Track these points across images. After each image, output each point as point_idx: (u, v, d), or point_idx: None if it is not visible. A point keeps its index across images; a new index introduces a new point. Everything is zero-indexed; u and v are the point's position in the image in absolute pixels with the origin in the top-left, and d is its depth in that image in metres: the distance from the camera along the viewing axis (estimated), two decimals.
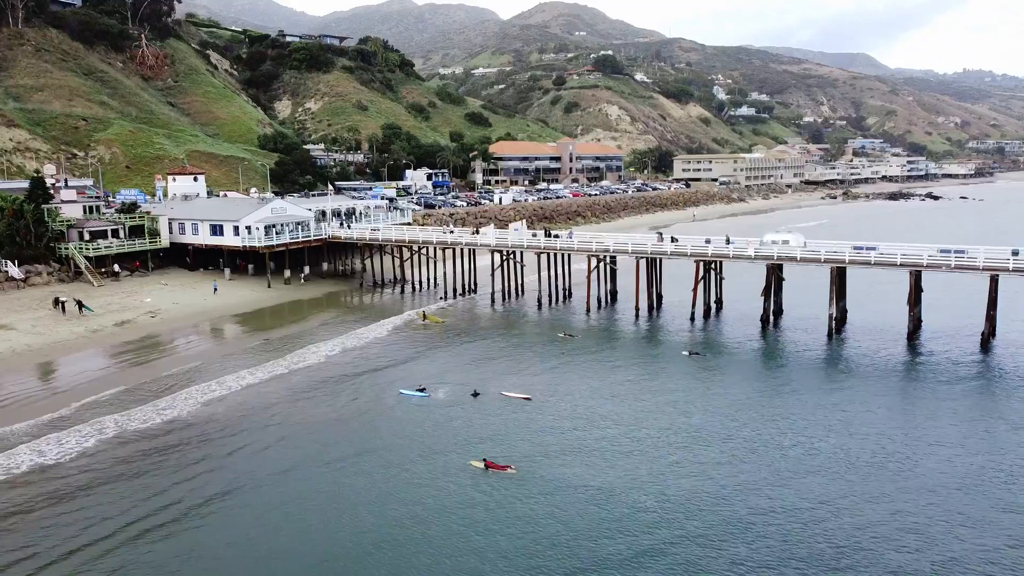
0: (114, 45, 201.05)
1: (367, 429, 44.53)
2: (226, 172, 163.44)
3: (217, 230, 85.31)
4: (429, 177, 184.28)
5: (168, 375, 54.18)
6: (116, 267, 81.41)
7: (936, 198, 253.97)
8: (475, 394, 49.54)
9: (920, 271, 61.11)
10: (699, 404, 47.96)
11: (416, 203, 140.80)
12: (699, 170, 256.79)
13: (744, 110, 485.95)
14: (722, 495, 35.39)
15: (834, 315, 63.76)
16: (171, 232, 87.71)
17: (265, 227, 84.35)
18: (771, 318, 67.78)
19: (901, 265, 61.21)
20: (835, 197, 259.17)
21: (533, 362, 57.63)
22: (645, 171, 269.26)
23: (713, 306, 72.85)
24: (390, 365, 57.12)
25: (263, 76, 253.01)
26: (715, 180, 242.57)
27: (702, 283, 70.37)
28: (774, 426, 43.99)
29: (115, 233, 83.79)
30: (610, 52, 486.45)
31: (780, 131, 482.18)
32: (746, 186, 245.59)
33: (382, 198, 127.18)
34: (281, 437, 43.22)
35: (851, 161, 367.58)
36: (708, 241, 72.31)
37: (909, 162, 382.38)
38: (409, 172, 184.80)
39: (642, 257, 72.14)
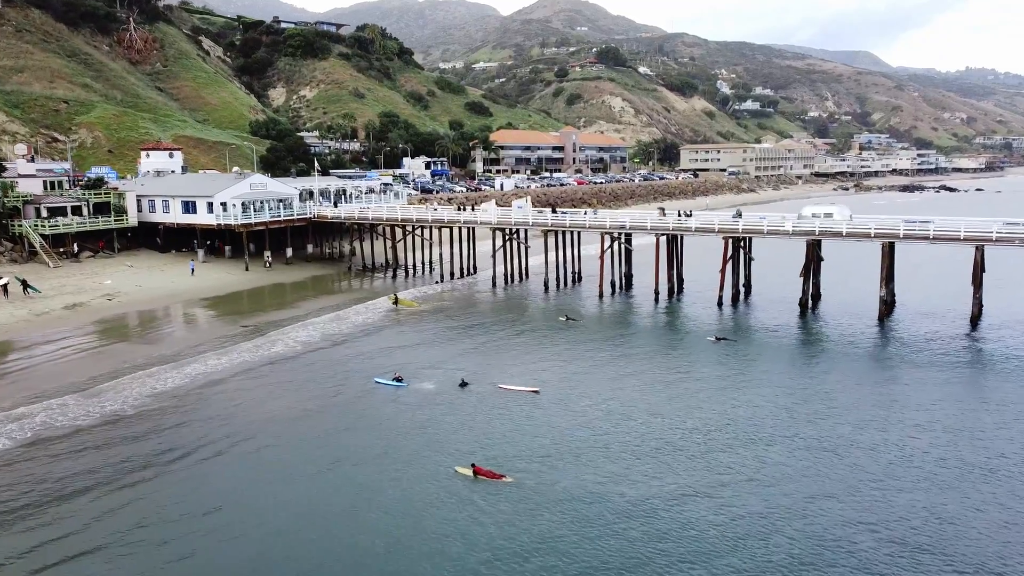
0: (100, 28, 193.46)
1: (332, 426, 36.63)
2: (215, 158, 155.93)
3: (190, 207, 77.30)
4: (427, 166, 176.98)
5: (117, 363, 46.21)
6: (76, 247, 73.48)
7: (951, 190, 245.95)
8: (463, 384, 41.72)
9: (985, 246, 53.08)
10: (739, 396, 39.99)
11: (412, 188, 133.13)
12: (707, 160, 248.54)
13: (749, 104, 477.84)
14: (799, 511, 27.48)
15: (885, 297, 55.75)
16: (140, 210, 79.65)
17: (242, 204, 76.30)
18: (810, 301, 59.78)
19: (965, 239, 53.17)
20: (847, 188, 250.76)
21: (538, 351, 49.76)
22: (650, 162, 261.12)
23: (741, 289, 64.72)
24: (371, 352, 49.23)
25: (257, 63, 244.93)
26: (723, 170, 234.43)
27: (730, 263, 62.29)
28: (840, 421, 36.02)
29: (77, 210, 75.80)
30: (613, 45, 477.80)
31: (785, 125, 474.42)
32: (756, 176, 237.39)
33: (379, 183, 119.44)
34: (232, 437, 35.22)
35: (860, 154, 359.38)
36: (736, 216, 64.40)
37: (919, 155, 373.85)
38: (406, 160, 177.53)
39: (662, 234, 64.07)
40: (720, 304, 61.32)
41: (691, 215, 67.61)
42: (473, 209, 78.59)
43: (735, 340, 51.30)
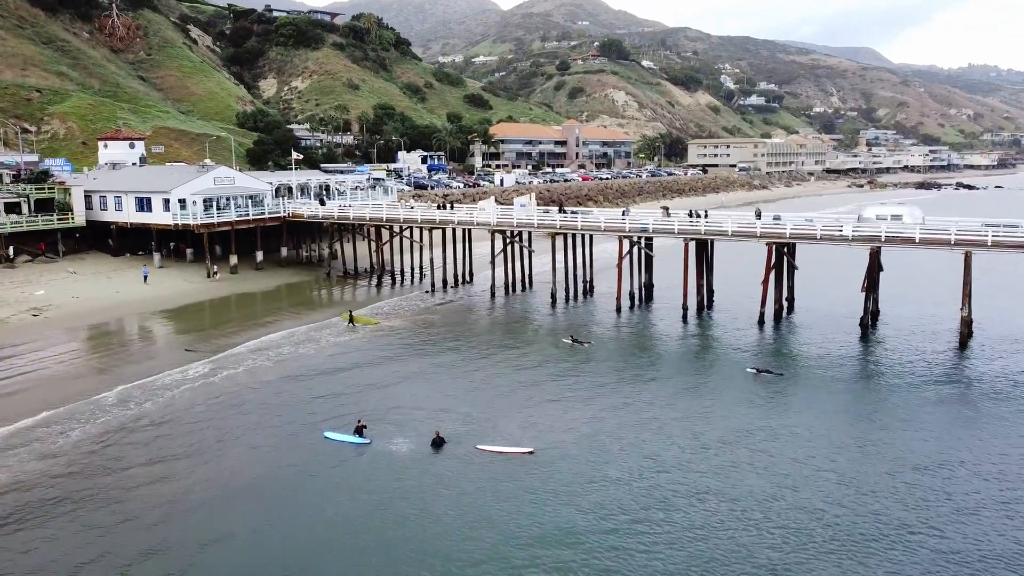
0: (80, 14, 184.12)
1: (256, 518, 26.34)
2: (198, 151, 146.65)
3: (144, 204, 67.50)
4: (424, 160, 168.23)
5: (12, 407, 36.46)
6: (12, 250, 63.76)
7: (969, 187, 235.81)
8: (438, 443, 31.72)
9: None
10: (798, 457, 30.33)
11: (406, 183, 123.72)
12: (716, 156, 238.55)
13: (754, 99, 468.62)
14: None
15: (968, 317, 45.99)
16: (91, 208, 69.89)
17: (204, 201, 66.57)
18: (871, 321, 50.06)
19: None
20: (861, 185, 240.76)
21: (538, 386, 39.99)
22: (655, 157, 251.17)
23: (784, 304, 54.80)
24: (332, 389, 39.36)
25: (247, 53, 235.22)
26: (733, 166, 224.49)
27: (772, 273, 52.45)
28: (959, 500, 26.35)
29: (15, 208, 66.04)
30: (615, 38, 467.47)
31: (791, 121, 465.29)
32: (767, 173, 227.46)
33: (368, 178, 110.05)
34: (110, 536, 25.41)
35: (870, 151, 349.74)
36: (777, 218, 54.72)
37: (931, 152, 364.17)
38: (402, 154, 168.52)
39: (692, 239, 54.16)
40: (761, 323, 51.54)
41: (706, 215, 57.80)
42: (452, 208, 68.40)
43: (781, 373, 41.44)
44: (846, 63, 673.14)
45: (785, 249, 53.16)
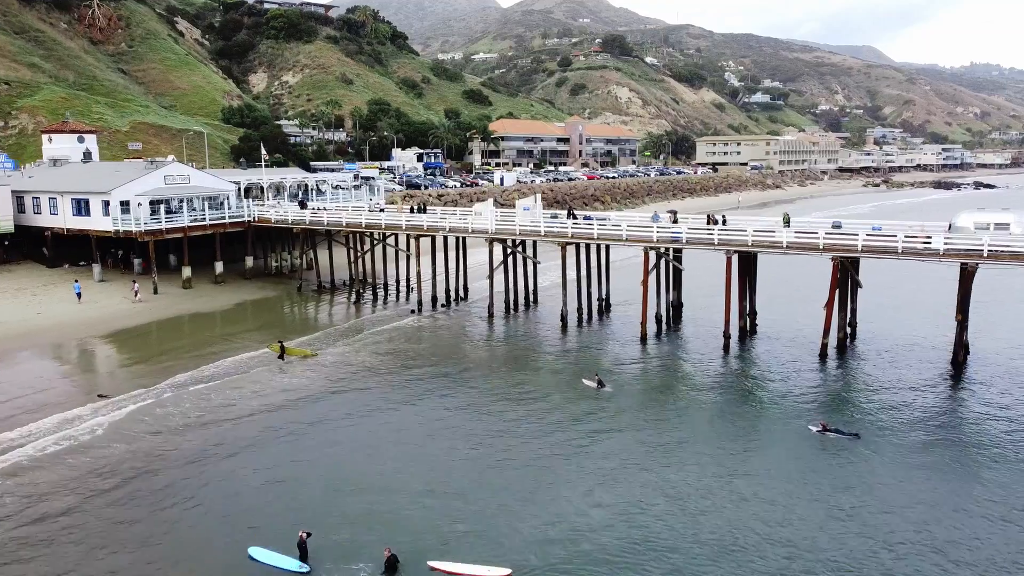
0: (58, 3, 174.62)
1: None
2: (179, 148, 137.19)
3: (82, 207, 57.51)
4: (420, 158, 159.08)
5: None
6: None
7: (989, 186, 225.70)
8: (391, 565, 21.70)
9: None
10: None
11: (398, 183, 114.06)
12: (727, 153, 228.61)
13: (758, 97, 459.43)
14: None
15: None
16: (22, 211, 60.02)
17: (151, 203, 56.58)
18: (962, 355, 40.10)
19: None
20: (877, 185, 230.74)
21: (535, 451, 30.03)
22: (661, 155, 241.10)
23: (847, 330, 44.74)
24: (266, 454, 29.42)
25: (237, 46, 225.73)
26: (744, 164, 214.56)
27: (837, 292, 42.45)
28: None
29: None
30: (618, 34, 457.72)
31: (796, 119, 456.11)
32: (780, 171, 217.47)
33: (355, 176, 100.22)
34: None
35: (880, 149, 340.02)
36: (837, 226, 44.85)
37: (944, 150, 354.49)
38: (397, 151, 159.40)
39: (735, 251, 44.04)
40: (823, 356, 41.54)
41: (724, 221, 47.95)
42: (425, 210, 58.48)
43: (856, 434, 31.33)
44: (850, 61, 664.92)
45: (849, 263, 43.18)
